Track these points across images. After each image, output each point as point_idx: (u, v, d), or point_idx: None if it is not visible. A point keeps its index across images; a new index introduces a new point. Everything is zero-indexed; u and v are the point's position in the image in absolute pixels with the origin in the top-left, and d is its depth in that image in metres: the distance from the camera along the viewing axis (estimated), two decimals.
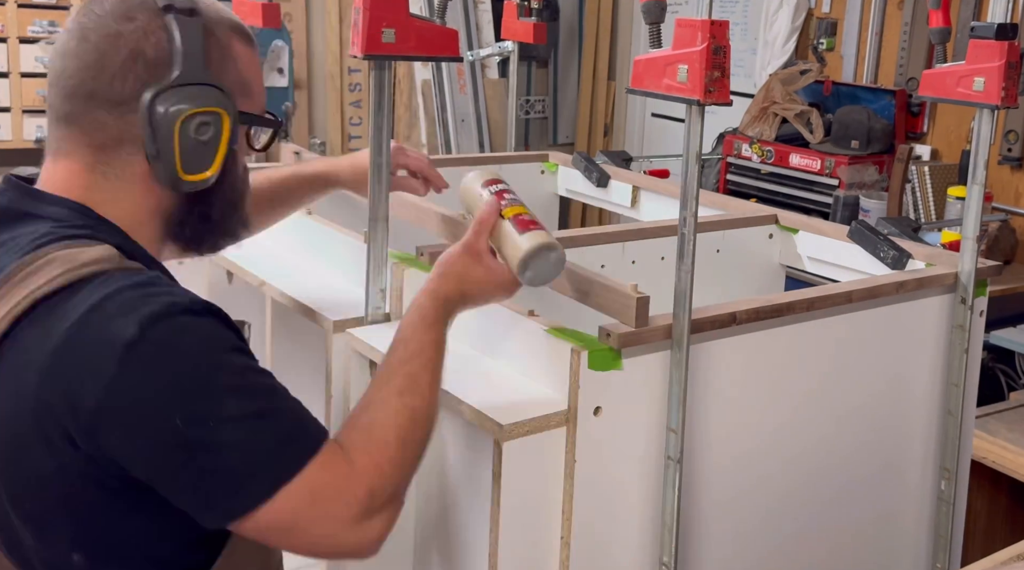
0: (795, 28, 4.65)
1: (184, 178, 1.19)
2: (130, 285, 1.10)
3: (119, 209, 1.20)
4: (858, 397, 1.88)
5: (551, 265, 1.46)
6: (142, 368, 1.05)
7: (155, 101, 1.16)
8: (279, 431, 1.12)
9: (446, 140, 5.13)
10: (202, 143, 1.19)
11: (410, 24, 1.63)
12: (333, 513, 1.12)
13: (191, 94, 1.17)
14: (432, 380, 1.30)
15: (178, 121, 1.16)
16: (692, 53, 1.41)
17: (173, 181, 1.19)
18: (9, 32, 4.56)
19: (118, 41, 1.16)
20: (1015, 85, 1.85)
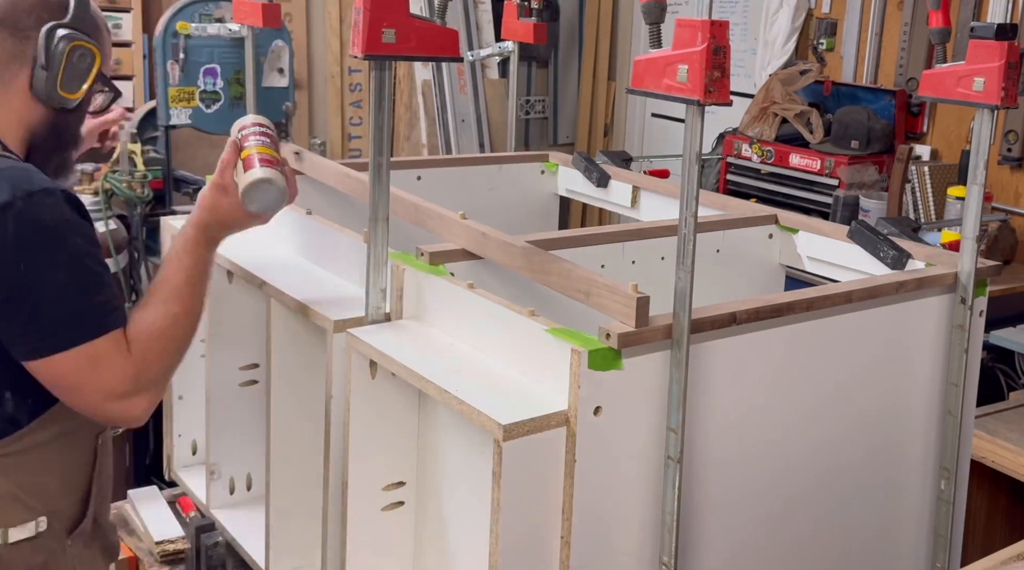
0: (795, 28, 4.65)
1: (59, 92, 1.55)
2: (11, 166, 1.46)
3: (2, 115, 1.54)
4: (858, 397, 1.88)
5: (272, 197, 1.64)
6: (7, 225, 1.40)
7: (56, 28, 1.53)
8: (90, 303, 1.46)
9: (446, 140, 5.13)
10: (79, 69, 1.56)
11: (410, 24, 1.64)
12: (106, 382, 1.47)
13: (79, 32, 1.55)
14: (191, 292, 1.60)
15: (71, 44, 1.54)
16: (692, 53, 1.42)
17: (50, 93, 1.54)
18: None
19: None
20: (1015, 85, 1.85)
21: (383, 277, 1.79)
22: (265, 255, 2.13)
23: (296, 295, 1.91)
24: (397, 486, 1.83)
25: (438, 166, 2.78)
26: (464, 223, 1.89)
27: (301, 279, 2.01)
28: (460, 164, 2.84)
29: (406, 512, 1.85)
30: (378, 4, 1.59)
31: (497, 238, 1.82)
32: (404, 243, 1.91)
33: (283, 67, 4.11)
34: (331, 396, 1.80)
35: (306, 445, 1.96)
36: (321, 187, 2.42)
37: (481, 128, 5.23)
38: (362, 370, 1.74)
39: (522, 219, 2.78)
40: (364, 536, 1.79)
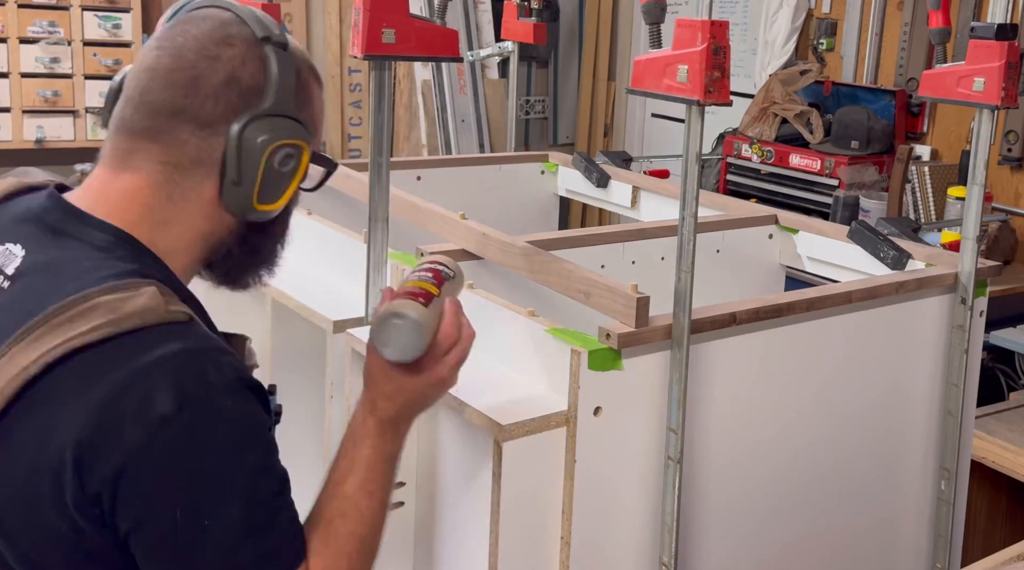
0: (795, 28, 4.65)
1: (256, 207, 1.18)
2: (176, 352, 1.06)
3: (168, 233, 1.17)
4: (858, 397, 1.88)
5: (405, 334, 1.26)
6: (168, 445, 1.03)
7: (247, 127, 1.15)
8: (264, 547, 1.10)
9: (446, 140, 5.13)
10: (282, 174, 1.18)
11: (410, 24, 1.64)
12: None
13: (281, 125, 1.17)
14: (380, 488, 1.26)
15: (268, 150, 1.16)
16: (692, 53, 1.42)
17: (245, 209, 1.18)
18: (9, 32, 4.56)
19: (216, 64, 1.15)
20: (1015, 85, 1.85)
21: (383, 277, 1.79)
22: None
23: (296, 295, 1.91)
24: (397, 486, 1.83)
25: (438, 166, 2.78)
26: (464, 223, 1.88)
27: (301, 279, 2.01)
28: (460, 164, 2.84)
29: (406, 512, 1.85)
30: (378, 4, 1.59)
31: (497, 238, 1.82)
32: (404, 243, 1.91)
33: None
34: (331, 396, 1.80)
35: (306, 445, 1.96)
36: (321, 187, 2.42)
37: (481, 128, 5.23)
38: (362, 370, 1.74)
39: (522, 219, 2.78)
40: None
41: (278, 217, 1.24)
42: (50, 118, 4.67)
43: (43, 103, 4.62)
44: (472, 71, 5.21)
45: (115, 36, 4.75)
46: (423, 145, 5.13)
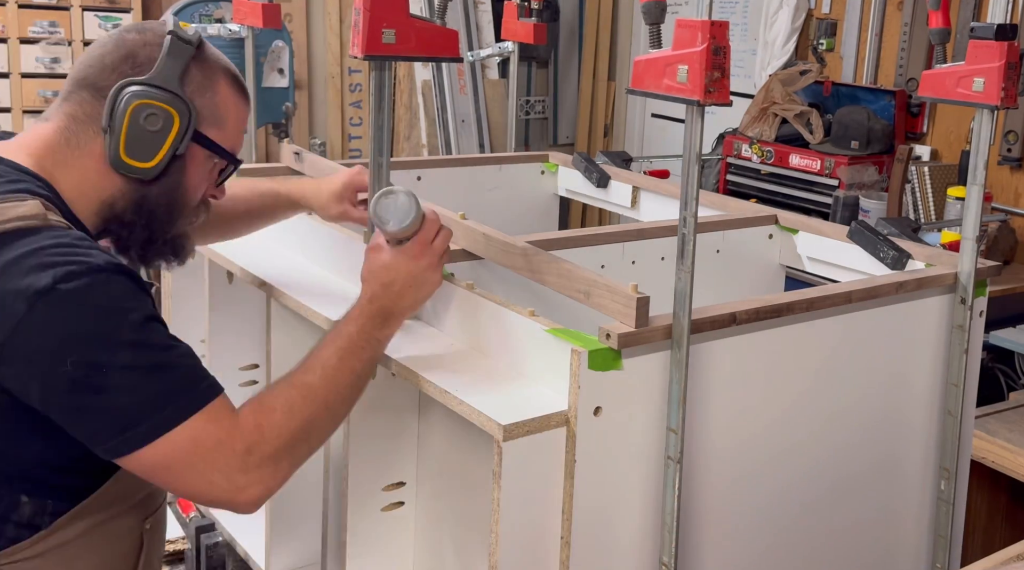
0: (795, 29, 4.65)
1: (125, 159, 1.36)
2: (51, 244, 1.22)
3: (67, 175, 1.36)
4: (858, 397, 1.88)
5: (399, 202, 1.51)
6: (47, 313, 1.18)
7: (123, 87, 1.36)
8: (168, 383, 1.24)
9: (446, 140, 5.13)
10: (148, 132, 1.35)
11: (410, 25, 1.64)
12: (210, 462, 1.26)
13: (153, 91, 1.36)
14: (338, 365, 1.41)
15: (132, 104, 1.34)
16: (692, 54, 1.42)
17: (115, 159, 1.36)
18: (9, 32, 4.56)
19: (120, 43, 1.40)
20: (1014, 85, 1.85)
21: None
22: (265, 255, 2.13)
23: (296, 295, 1.91)
24: (397, 486, 1.83)
25: (438, 166, 2.78)
26: (464, 223, 1.88)
27: (301, 279, 2.02)
28: (460, 164, 2.84)
29: (406, 512, 1.85)
30: (378, 4, 1.59)
31: (497, 238, 1.82)
32: None
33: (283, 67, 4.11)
34: None
35: None
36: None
37: (481, 128, 5.23)
38: None
39: (522, 219, 2.78)
40: (364, 536, 1.79)
41: (160, 179, 1.39)
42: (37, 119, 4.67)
43: (43, 103, 4.62)
44: (472, 71, 5.21)
45: None
46: (423, 145, 5.13)
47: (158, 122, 1.36)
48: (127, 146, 1.35)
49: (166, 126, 1.36)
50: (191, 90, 1.40)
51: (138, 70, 1.37)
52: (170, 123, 1.37)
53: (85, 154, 1.37)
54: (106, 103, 1.35)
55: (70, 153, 1.37)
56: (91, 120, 1.37)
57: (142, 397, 1.22)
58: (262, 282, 2.00)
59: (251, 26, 2.67)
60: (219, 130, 1.44)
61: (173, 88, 1.37)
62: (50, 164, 1.35)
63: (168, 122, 1.36)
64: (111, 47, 1.39)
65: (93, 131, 1.37)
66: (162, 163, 1.38)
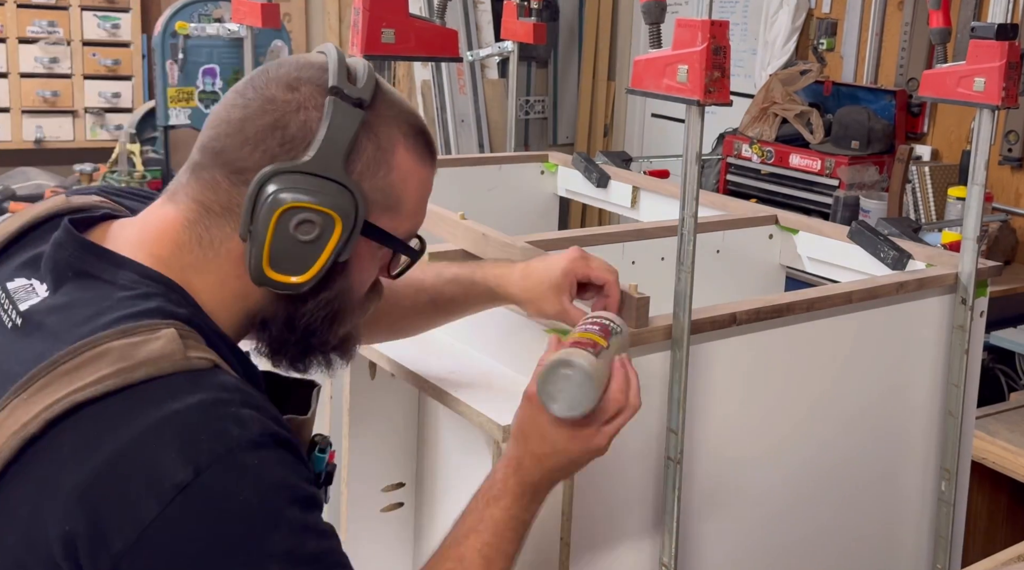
0: (795, 28, 4.65)
1: (268, 274, 1.04)
2: (192, 406, 0.93)
3: (203, 280, 1.06)
4: (858, 397, 1.87)
5: (574, 385, 1.16)
6: (186, 518, 0.90)
7: (268, 179, 1.02)
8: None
9: (446, 140, 5.13)
10: (300, 243, 1.03)
11: (410, 24, 1.64)
12: None
13: (309, 185, 1.02)
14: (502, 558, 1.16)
15: (279, 210, 1.01)
16: (692, 53, 1.41)
17: (256, 272, 1.04)
18: (9, 32, 4.56)
19: (267, 106, 1.04)
20: (1015, 85, 1.84)
21: None
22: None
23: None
24: (396, 487, 1.83)
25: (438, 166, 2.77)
26: (464, 223, 1.88)
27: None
28: (460, 164, 2.84)
29: (405, 513, 1.84)
30: (377, 4, 1.59)
31: (497, 238, 1.82)
32: None
33: None
34: (330, 397, 1.80)
35: None
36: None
37: (480, 128, 5.23)
38: (361, 371, 1.74)
39: (522, 219, 2.78)
40: (363, 537, 1.79)
41: (317, 292, 1.07)
42: (49, 118, 4.68)
43: (42, 103, 4.63)
44: (472, 71, 5.21)
45: (114, 36, 4.76)
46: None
47: (314, 230, 1.03)
48: (272, 260, 1.03)
49: (325, 233, 1.03)
50: (360, 171, 1.05)
51: (288, 147, 1.03)
52: (330, 229, 1.03)
53: (222, 256, 1.05)
54: (246, 199, 1.02)
55: (202, 254, 1.05)
56: (227, 213, 1.04)
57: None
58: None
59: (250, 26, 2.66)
60: (393, 216, 1.10)
61: (336, 176, 1.03)
62: (180, 268, 1.05)
63: (328, 228, 1.03)
64: (255, 109, 1.05)
65: (231, 228, 1.04)
66: (318, 277, 1.05)
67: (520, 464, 1.19)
